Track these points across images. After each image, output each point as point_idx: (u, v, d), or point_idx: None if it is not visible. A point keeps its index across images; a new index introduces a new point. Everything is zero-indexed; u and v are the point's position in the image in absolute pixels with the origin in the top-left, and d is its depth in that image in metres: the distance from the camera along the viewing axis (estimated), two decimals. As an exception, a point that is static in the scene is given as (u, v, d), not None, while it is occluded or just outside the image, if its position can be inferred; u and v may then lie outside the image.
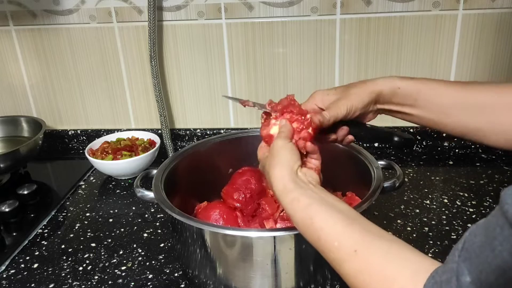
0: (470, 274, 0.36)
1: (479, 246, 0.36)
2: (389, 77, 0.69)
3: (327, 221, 0.50)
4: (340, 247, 0.47)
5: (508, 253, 0.33)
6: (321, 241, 0.49)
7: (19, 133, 1.24)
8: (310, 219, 0.51)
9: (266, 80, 1.18)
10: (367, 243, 0.46)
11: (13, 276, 0.82)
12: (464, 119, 0.64)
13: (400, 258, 0.44)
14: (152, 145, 1.18)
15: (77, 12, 1.18)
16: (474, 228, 0.38)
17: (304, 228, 0.52)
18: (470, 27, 1.08)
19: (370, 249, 0.46)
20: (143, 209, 1.01)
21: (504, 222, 0.33)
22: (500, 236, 0.33)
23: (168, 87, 1.23)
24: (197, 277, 0.74)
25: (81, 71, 1.25)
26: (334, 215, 0.50)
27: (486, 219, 0.36)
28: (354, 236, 0.47)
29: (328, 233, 0.49)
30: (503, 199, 0.34)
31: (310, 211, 0.51)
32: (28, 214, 1.01)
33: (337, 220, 0.49)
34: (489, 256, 0.34)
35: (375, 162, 0.79)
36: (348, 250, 0.47)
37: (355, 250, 0.46)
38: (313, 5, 1.10)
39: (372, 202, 0.69)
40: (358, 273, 0.45)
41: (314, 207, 0.52)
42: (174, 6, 1.14)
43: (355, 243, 0.47)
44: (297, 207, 0.53)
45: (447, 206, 0.95)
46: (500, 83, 0.63)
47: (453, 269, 0.37)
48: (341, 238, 0.48)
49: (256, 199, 0.83)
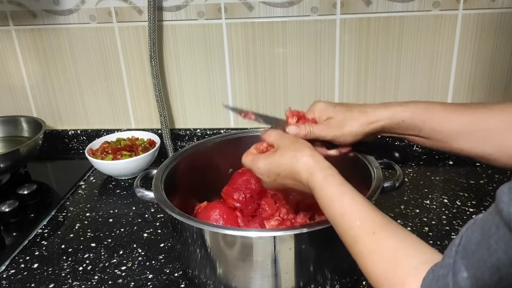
0: (467, 271, 0.37)
1: (475, 244, 0.36)
2: (392, 108, 0.66)
3: (356, 202, 0.53)
4: (362, 225, 0.50)
5: (503, 252, 0.33)
6: (344, 217, 0.52)
7: (19, 133, 1.24)
8: (342, 194, 0.54)
9: (266, 80, 1.18)
10: (387, 228, 0.49)
11: (13, 276, 0.82)
12: (471, 144, 0.62)
13: (412, 247, 0.46)
14: (152, 145, 1.18)
15: (77, 12, 1.18)
16: (471, 224, 0.38)
17: (331, 202, 0.55)
18: (470, 27, 1.07)
19: (387, 234, 0.49)
20: (143, 209, 1.01)
21: (499, 221, 0.34)
22: (495, 235, 0.34)
23: (168, 87, 1.23)
24: (197, 277, 0.74)
25: (81, 71, 1.25)
26: (362, 199, 0.54)
27: (483, 216, 0.37)
28: (376, 220, 0.50)
29: (354, 210, 0.52)
30: (498, 197, 0.34)
31: (343, 188, 0.55)
32: (28, 214, 1.01)
33: (365, 203, 0.53)
34: (485, 254, 0.35)
35: (375, 162, 0.79)
36: (368, 230, 0.50)
37: (374, 232, 0.49)
38: (313, 5, 1.10)
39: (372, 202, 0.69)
40: (370, 253, 0.48)
41: (347, 186, 0.55)
42: (174, 6, 1.14)
43: (375, 225, 0.50)
44: (331, 182, 0.56)
45: (447, 206, 0.95)
46: (504, 103, 0.61)
47: (450, 265, 0.38)
48: (364, 218, 0.51)
49: (256, 199, 0.83)
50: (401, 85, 1.15)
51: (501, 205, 0.34)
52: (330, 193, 0.55)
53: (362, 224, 0.50)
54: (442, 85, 1.14)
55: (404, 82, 1.14)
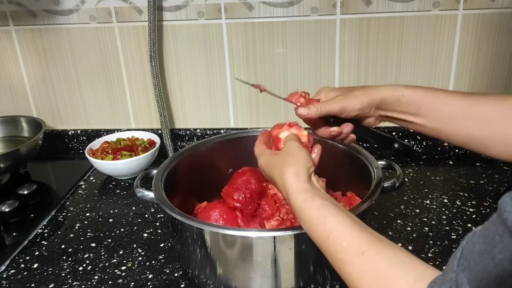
0: (470, 284, 0.35)
1: (478, 255, 0.35)
2: (394, 85, 0.70)
3: (340, 222, 0.51)
4: (348, 247, 0.49)
5: (508, 262, 0.32)
6: (329, 239, 0.51)
7: (19, 133, 1.24)
8: (324, 217, 0.53)
9: (266, 80, 1.18)
10: (375, 247, 0.48)
11: (13, 276, 0.82)
12: (468, 129, 0.63)
13: (404, 264, 0.45)
14: (152, 145, 1.18)
15: (77, 12, 1.18)
16: (471, 236, 0.37)
17: (312, 225, 0.54)
18: (470, 27, 1.08)
19: (377, 253, 0.47)
20: (143, 209, 1.01)
21: (503, 230, 0.33)
22: (500, 244, 0.33)
23: (168, 87, 1.23)
24: (197, 277, 0.74)
25: (81, 71, 1.25)
26: (346, 218, 0.52)
27: (484, 227, 0.36)
28: (363, 240, 0.49)
29: (339, 233, 0.50)
30: (501, 207, 0.33)
31: (324, 210, 0.53)
32: (28, 214, 1.01)
33: (349, 223, 0.51)
34: (489, 265, 0.34)
35: (375, 162, 0.79)
36: (356, 252, 0.48)
37: (362, 252, 0.47)
38: (313, 5, 1.10)
39: (372, 202, 0.69)
40: (361, 274, 0.46)
41: (328, 207, 0.54)
42: (174, 6, 1.14)
43: (363, 246, 0.48)
44: (311, 205, 0.55)
45: (447, 206, 0.95)
46: (504, 95, 0.63)
47: (452, 279, 0.37)
48: (351, 239, 0.49)
49: (256, 199, 0.83)
50: (401, 85, 1.15)
51: (506, 215, 0.32)
52: (308, 217, 0.54)
53: (349, 246, 0.49)
54: (442, 85, 1.14)
55: (404, 82, 1.14)
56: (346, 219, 0.52)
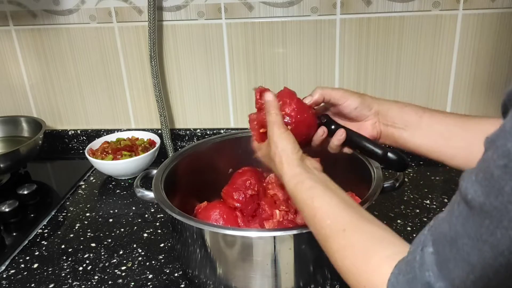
0: (433, 245, 0.39)
1: (440, 220, 0.40)
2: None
3: (326, 202, 0.54)
4: (332, 224, 0.52)
5: (460, 225, 0.36)
6: (316, 218, 0.54)
7: (19, 133, 1.24)
8: (311, 198, 0.56)
9: (266, 80, 1.18)
10: (356, 224, 0.51)
11: (13, 276, 0.82)
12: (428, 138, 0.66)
13: (383, 240, 0.48)
14: (152, 145, 1.18)
15: (77, 12, 1.18)
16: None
17: (303, 206, 0.57)
18: (470, 27, 1.07)
19: (357, 229, 0.50)
20: (143, 209, 1.01)
21: (460, 199, 0.37)
22: (456, 211, 0.37)
23: (168, 87, 1.23)
24: (197, 277, 0.74)
25: (81, 71, 1.25)
26: (333, 198, 0.55)
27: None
28: (346, 218, 0.52)
29: (324, 212, 0.54)
30: (461, 178, 0.37)
31: (312, 192, 0.56)
32: (28, 214, 1.01)
33: (335, 202, 0.54)
34: (445, 228, 0.38)
35: (375, 162, 0.79)
36: (338, 228, 0.51)
37: (344, 229, 0.50)
38: (313, 5, 1.10)
39: (372, 202, 0.69)
40: (341, 249, 0.50)
41: (316, 189, 0.56)
42: (174, 6, 1.14)
43: (345, 223, 0.51)
44: (301, 188, 0.57)
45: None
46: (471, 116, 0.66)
47: (421, 241, 0.41)
48: (334, 217, 0.52)
49: (256, 199, 0.83)
50: (401, 86, 1.15)
51: (460, 183, 0.37)
52: (300, 200, 0.57)
53: (332, 223, 0.52)
54: (442, 85, 1.14)
55: (404, 82, 1.14)
56: (332, 199, 0.54)
